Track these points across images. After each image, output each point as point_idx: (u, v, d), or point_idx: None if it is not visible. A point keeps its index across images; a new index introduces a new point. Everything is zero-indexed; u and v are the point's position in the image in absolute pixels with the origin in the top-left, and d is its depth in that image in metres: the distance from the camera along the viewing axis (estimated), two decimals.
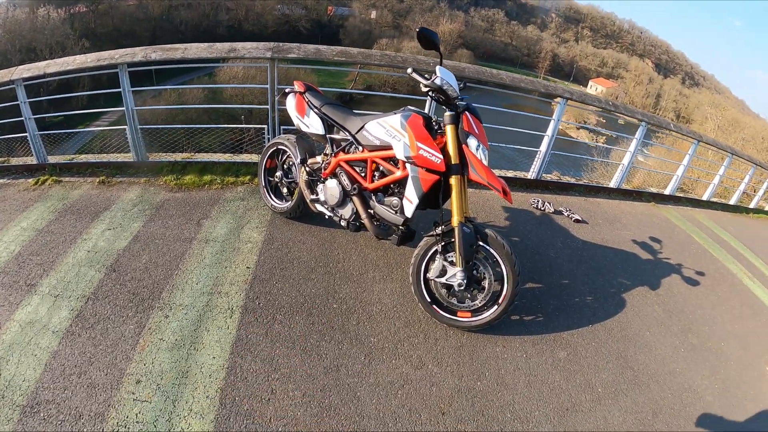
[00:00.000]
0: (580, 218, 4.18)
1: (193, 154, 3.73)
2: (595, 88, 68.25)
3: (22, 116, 3.49)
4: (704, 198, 6.80)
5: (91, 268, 2.59)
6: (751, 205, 8.02)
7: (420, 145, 2.17)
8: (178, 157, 3.67)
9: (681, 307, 3.36)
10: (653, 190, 6.30)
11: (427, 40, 2.11)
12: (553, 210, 4.19)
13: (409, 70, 2.21)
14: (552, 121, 4.37)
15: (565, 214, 4.19)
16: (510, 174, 4.72)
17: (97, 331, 2.20)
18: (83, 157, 3.64)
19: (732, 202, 7.49)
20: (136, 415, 1.85)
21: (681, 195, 6.47)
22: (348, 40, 57.30)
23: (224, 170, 3.60)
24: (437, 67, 2.17)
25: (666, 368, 2.70)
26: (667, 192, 6.05)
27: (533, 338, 2.59)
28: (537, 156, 4.55)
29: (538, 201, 4.22)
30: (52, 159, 3.59)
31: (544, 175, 4.77)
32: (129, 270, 2.59)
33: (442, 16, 69.55)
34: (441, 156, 2.15)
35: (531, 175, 4.64)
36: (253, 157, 3.78)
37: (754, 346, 3.26)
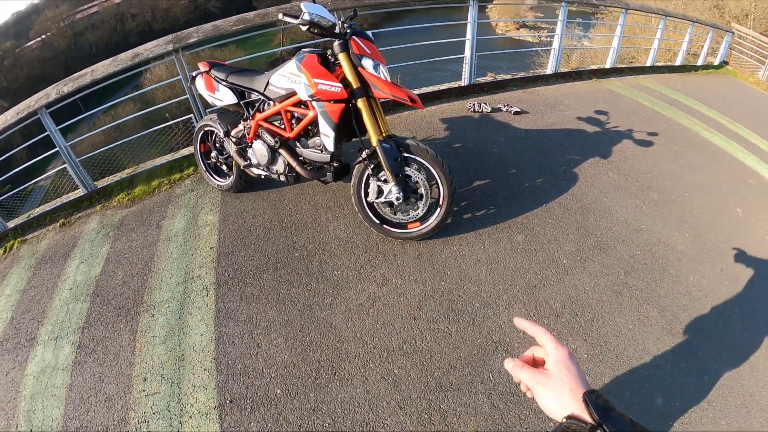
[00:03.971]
0: (519, 110, 4.17)
1: (136, 166, 3.77)
2: None
3: None
4: (648, 64, 6.72)
5: (77, 302, 2.71)
6: (699, 63, 7.99)
7: (317, 80, 2.22)
8: (124, 174, 3.70)
9: (637, 169, 3.37)
10: (593, 66, 6.19)
11: None
12: (491, 109, 4.17)
13: (280, 15, 2.24)
14: (469, 24, 4.27)
15: (504, 109, 4.18)
16: (444, 86, 4.67)
17: (98, 353, 2.35)
18: (39, 209, 3.67)
19: (678, 63, 7.41)
20: (151, 408, 2.03)
21: (623, 66, 6.38)
22: (263, 5, 54.05)
23: (168, 170, 3.65)
24: (301, 4, 2.17)
25: (630, 227, 2.75)
26: (607, 66, 5.97)
27: (488, 230, 2.68)
28: (464, 62, 4.48)
29: (474, 104, 4.20)
30: (12, 223, 3.62)
31: (477, 79, 4.72)
32: (109, 289, 2.72)
33: None
34: (340, 85, 2.21)
35: (464, 81, 4.60)
36: (192, 149, 3.80)
37: (719, 192, 3.28)
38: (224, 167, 3.18)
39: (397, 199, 2.36)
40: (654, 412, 1.87)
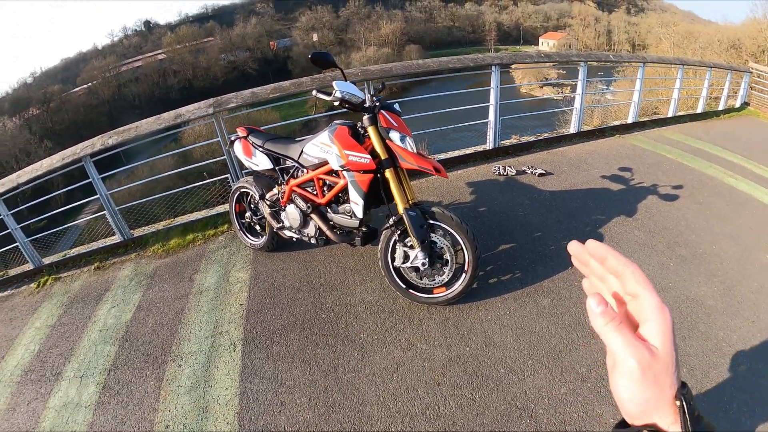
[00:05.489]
0: (544, 171, 4.30)
1: (172, 219, 3.98)
2: (546, 43, 68.01)
3: (8, 229, 3.67)
4: (670, 115, 6.80)
5: (106, 344, 2.80)
6: (720, 108, 7.98)
7: (348, 152, 2.43)
8: (160, 225, 3.91)
9: (663, 225, 3.41)
10: (616, 123, 6.32)
11: (323, 61, 2.39)
12: (515, 172, 4.32)
13: (314, 92, 2.49)
14: (492, 90, 4.56)
15: (529, 171, 4.32)
16: (469, 150, 4.90)
17: (123, 396, 2.41)
18: (75, 250, 3.86)
19: (699, 110, 7.44)
20: None
21: (645, 119, 6.51)
22: (297, 69, 57.09)
23: (203, 225, 3.85)
24: (333, 82, 2.40)
25: (658, 286, 2.63)
26: (629, 121, 6.09)
27: (514, 294, 2.75)
28: (488, 126, 4.75)
29: (499, 167, 4.37)
30: (47, 260, 3.80)
31: (502, 142, 4.95)
32: (139, 336, 2.81)
33: (381, 20, 69.73)
34: (369, 156, 2.41)
35: (489, 145, 4.83)
36: (227, 207, 4.01)
37: (748, 239, 3.27)
38: (257, 227, 3.37)
39: (423, 264, 2.48)
40: None
